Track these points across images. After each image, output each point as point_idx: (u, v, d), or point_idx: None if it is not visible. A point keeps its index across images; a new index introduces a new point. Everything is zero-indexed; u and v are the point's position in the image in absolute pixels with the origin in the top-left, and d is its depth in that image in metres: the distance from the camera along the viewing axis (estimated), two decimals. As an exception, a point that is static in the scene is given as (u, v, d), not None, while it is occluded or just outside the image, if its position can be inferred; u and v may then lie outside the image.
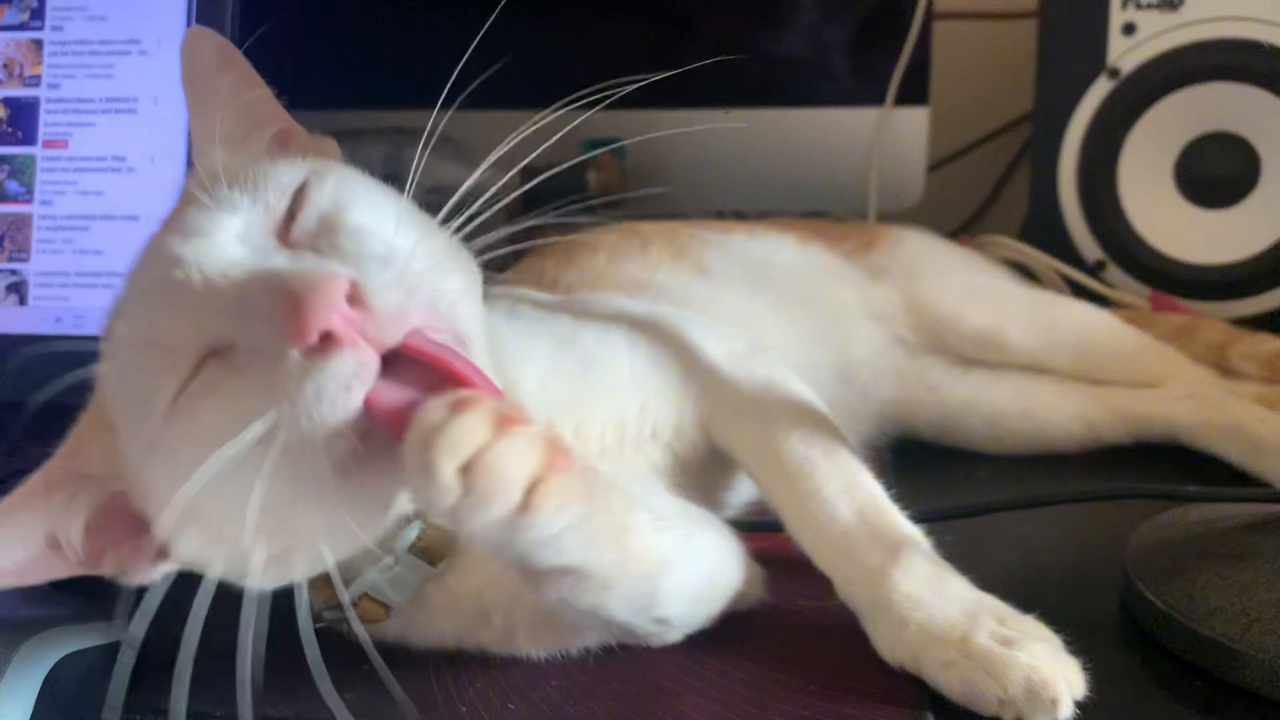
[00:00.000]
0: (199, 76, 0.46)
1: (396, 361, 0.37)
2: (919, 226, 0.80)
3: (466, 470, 0.34)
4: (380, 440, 0.36)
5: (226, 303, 0.37)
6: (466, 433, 0.35)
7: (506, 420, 0.35)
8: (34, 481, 0.41)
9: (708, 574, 0.47)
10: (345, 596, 0.42)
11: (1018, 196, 1.08)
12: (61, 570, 0.41)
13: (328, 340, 0.35)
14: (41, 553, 0.40)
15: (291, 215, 0.40)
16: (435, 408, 0.35)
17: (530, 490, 0.35)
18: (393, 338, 0.36)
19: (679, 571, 0.44)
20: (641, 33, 1.03)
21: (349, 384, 0.35)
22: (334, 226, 0.39)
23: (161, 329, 0.38)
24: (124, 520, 0.41)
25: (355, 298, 0.36)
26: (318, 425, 0.35)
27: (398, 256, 0.38)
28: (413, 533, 0.44)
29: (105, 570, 0.41)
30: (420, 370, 0.37)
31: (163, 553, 0.40)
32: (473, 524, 0.35)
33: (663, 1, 1.02)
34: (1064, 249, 0.90)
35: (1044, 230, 0.91)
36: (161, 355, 0.37)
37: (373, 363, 0.36)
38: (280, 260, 0.38)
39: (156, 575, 0.41)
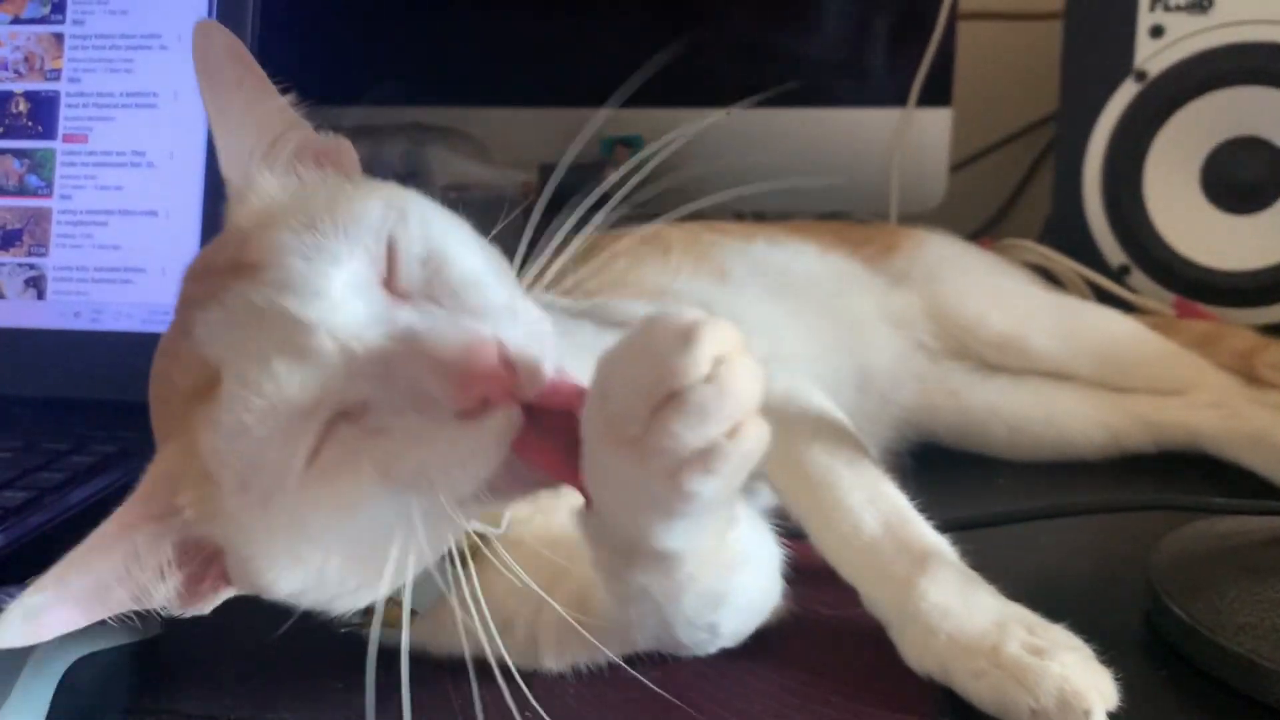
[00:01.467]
0: (215, 79, 0.44)
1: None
2: (940, 227, 0.79)
3: (718, 362, 0.34)
4: (515, 472, 0.38)
5: (366, 368, 0.36)
6: (725, 334, 0.35)
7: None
8: (112, 526, 0.39)
9: (763, 583, 0.46)
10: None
11: (1039, 198, 1.07)
12: (128, 606, 0.39)
13: (484, 401, 0.36)
14: (119, 592, 0.39)
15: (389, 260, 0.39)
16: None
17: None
18: (535, 391, 0.37)
19: (748, 572, 0.44)
20: (663, 31, 1.02)
21: (502, 440, 0.36)
22: (440, 273, 0.39)
23: (289, 394, 0.36)
24: (198, 558, 0.40)
25: (500, 356, 0.36)
26: (470, 476, 0.37)
27: (517, 306, 0.39)
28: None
29: (183, 606, 0.40)
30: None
31: (226, 583, 0.40)
32: (693, 423, 0.34)
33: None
34: (1088, 253, 0.89)
35: (1067, 234, 0.90)
36: (288, 419, 0.36)
37: (519, 416, 0.37)
38: (408, 318, 0.37)
39: (214, 604, 0.40)
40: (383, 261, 0.39)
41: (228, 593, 0.41)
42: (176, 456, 0.39)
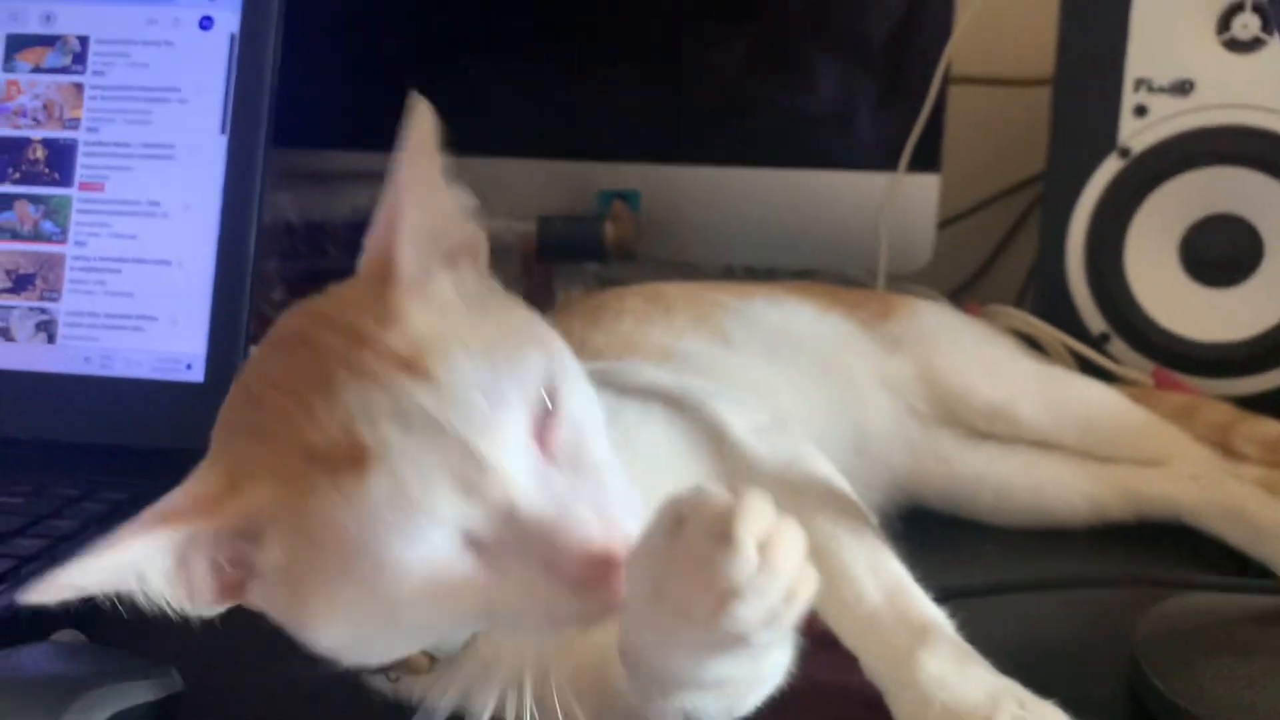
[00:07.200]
0: (423, 158, 0.44)
1: None
2: (925, 284, 0.81)
3: (762, 548, 0.36)
4: None
5: (521, 525, 0.38)
6: (760, 513, 0.36)
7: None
8: (155, 519, 0.39)
9: (788, 656, 0.47)
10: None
11: (1021, 258, 1.10)
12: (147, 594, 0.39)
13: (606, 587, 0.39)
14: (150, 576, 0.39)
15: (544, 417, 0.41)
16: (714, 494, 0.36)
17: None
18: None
19: (777, 652, 0.45)
20: (658, 88, 1.05)
21: (602, 614, 0.40)
22: (582, 449, 0.41)
23: (442, 516, 0.38)
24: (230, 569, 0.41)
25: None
26: (557, 631, 0.41)
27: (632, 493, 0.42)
28: None
29: (200, 604, 0.40)
30: None
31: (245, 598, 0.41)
32: (753, 607, 0.36)
33: (681, 58, 1.04)
34: (1069, 320, 0.92)
35: (1050, 301, 0.93)
36: (426, 531, 0.38)
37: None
38: (563, 488, 0.39)
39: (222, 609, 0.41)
40: (539, 412, 0.40)
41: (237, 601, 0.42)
42: (269, 497, 0.39)
